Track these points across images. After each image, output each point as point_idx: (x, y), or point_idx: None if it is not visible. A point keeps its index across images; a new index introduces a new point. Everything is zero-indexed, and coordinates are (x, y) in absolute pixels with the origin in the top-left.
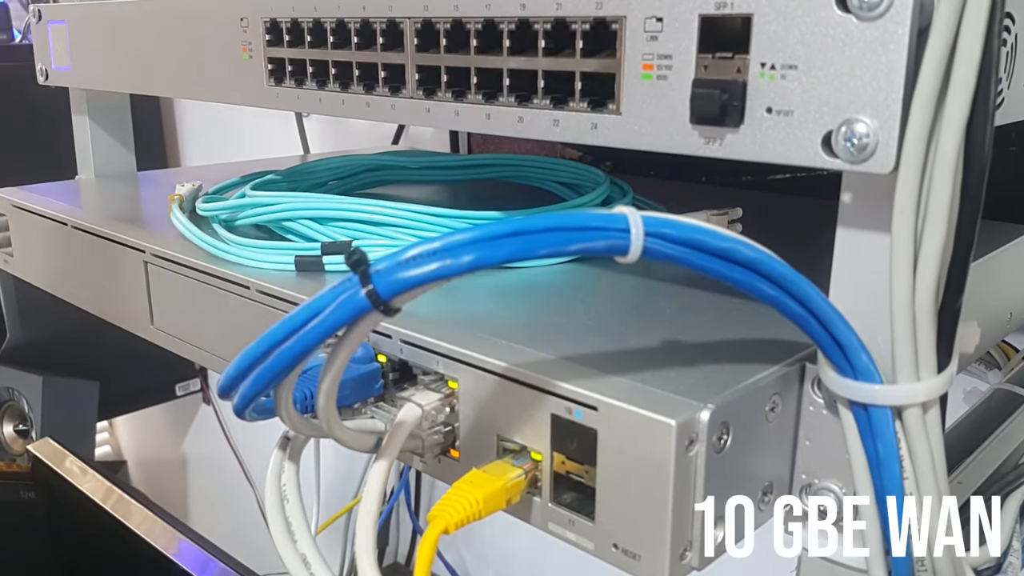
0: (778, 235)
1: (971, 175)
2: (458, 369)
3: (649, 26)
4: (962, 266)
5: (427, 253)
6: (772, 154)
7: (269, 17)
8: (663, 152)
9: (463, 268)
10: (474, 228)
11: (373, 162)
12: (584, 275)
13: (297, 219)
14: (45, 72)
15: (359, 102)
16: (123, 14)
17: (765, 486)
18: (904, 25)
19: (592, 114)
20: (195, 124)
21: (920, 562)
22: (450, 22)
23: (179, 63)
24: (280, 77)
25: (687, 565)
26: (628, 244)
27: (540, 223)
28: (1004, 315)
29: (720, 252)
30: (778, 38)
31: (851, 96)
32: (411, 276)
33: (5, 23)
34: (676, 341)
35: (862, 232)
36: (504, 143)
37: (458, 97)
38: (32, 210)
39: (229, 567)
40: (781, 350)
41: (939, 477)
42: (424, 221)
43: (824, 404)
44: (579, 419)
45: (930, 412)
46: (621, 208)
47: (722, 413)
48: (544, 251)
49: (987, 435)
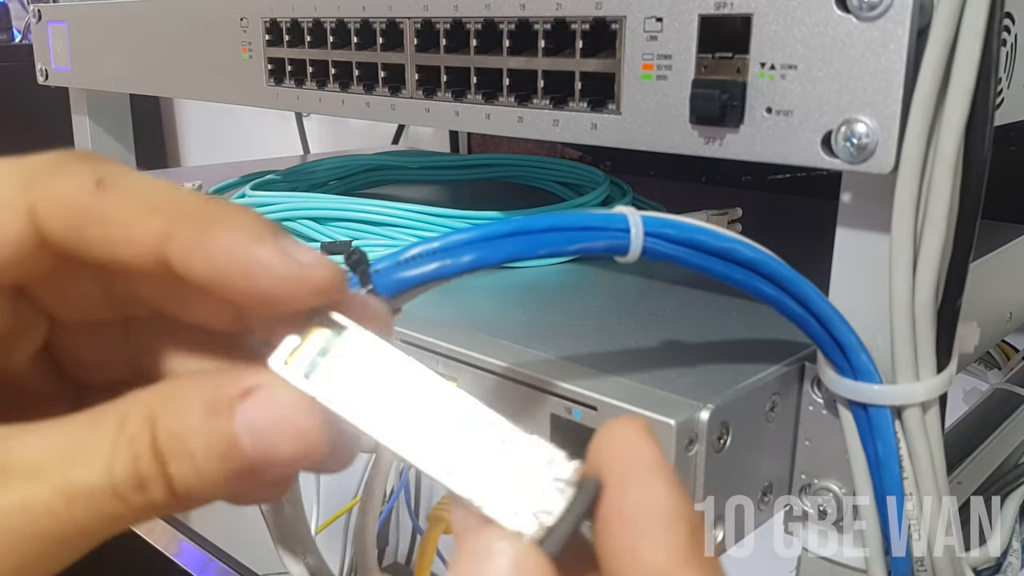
0: (778, 235)
1: (971, 175)
2: (458, 369)
3: (649, 26)
4: (962, 266)
5: (427, 253)
6: (772, 154)
7: (269, 17)
8: (663, 152)
9: (463, 268)
10: (474, 228)
11: (373, 162)
12: (584, 275)
13: (297, 219)
14: (45, 72)
15: (359, 102)
16: (123, 14)
17: (765, 486)
18: (904, 25)
19: (592, 114)
20: (195, 124)
21: (920, 562)
22: (450, 22)
23: (179, 63)
24: (280, 77)
25: None
26: (628, 244)
27: (540, 223)
28: (1004, 315)
29: (720, 252)
30: (778, 38)
31: (851, 96)
32: (411, 276)
33: (5, 23)
34: (676, 341)
35: (862, 232)
36: (504, 143)
37: (458, 97)
38: None
39: (229, 567)
40: (781, 350)
41: (939, 477)
42: (424, 221)
43: (824, 404)
44: (579, 419)
45: (930, 412)
46: (621, 208)
47: (722, 413)
48: (544, 251)
49: (987, 435)
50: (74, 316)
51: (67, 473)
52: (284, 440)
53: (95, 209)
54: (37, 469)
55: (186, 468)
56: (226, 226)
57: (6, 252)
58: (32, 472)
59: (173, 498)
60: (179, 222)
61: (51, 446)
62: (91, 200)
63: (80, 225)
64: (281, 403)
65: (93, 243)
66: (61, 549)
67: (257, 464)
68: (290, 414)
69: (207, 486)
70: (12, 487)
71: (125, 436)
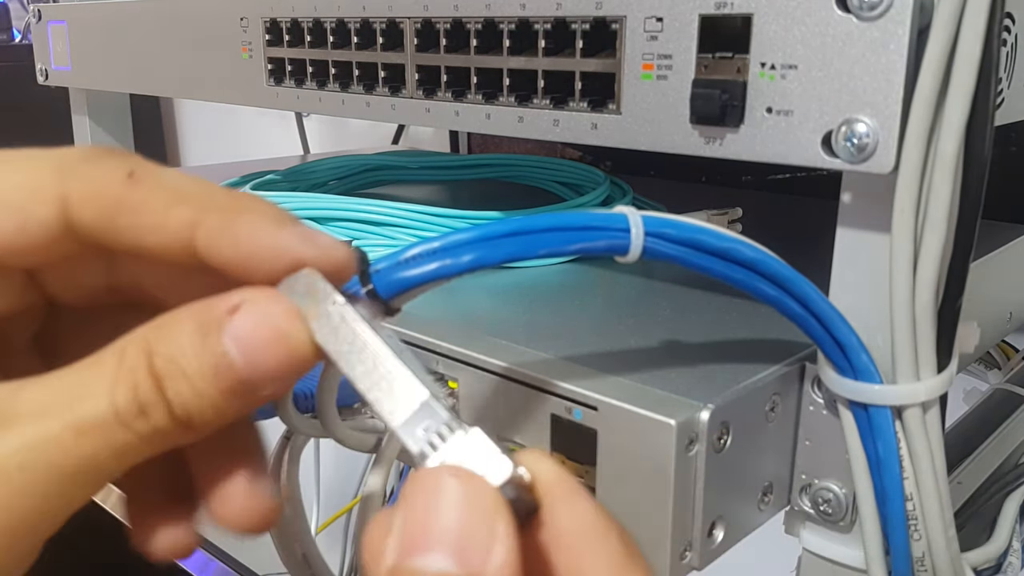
0: (778, 235)
1: (971, 175)
2: (458, 369)
3: (649, 26)
4: (962, 266)
5: (427, 253)
6: (772, 154)
7: (269, 17)
8: (663, 152)
9: (463, 268)
10: (474, 228)
11: (373, 162)
12: (584, 275)
13: None
14: (45, 72)
15: (359, 102)
16: (123, 14)
17: (765, 486)
18: (904, 25)
19: (592, 114)
20: (195, 124)
21: (920, 562)
22: (450, 22)
23: (179, 63)
24: (280, 77)
25: (687, 565)
26: (628, 244)
27: (540, 223)
28: (1004, 315)
29: (720, 252)
30: (778, 38)
31: (851, 96)
32: (411, 276)
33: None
34: (676, 341)
35: (862, 232)
36: (504, 143)
37: (458, 97)
38: None
39: (229, 567)
40: (781, 350)
41: (939, 477)
42: (424, 221)
43: (824, 404)
44: (579, 419)
45: (930, 412)
46: (621, 208)
47: (722, 413)
48: (544, 251)
49: (987, 435)
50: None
51: (74, 408)
52: (271, 345)
53: (127, 198)
54: (45, 409)
55: (183, 388)
56: (251, 214)
57: (35, 235)
58: (41, 413)
59: (175, 421)
60: (207, 210)
61: (57, 388)
62: (123, 190)
63: (112, 214)
64: (265, 311)
65: (123, 230)
66: (76, 485)
67: (249, 377)
68: (274, 320)
69: (206, 407)
70: (23, 428)
71: (124, 367)
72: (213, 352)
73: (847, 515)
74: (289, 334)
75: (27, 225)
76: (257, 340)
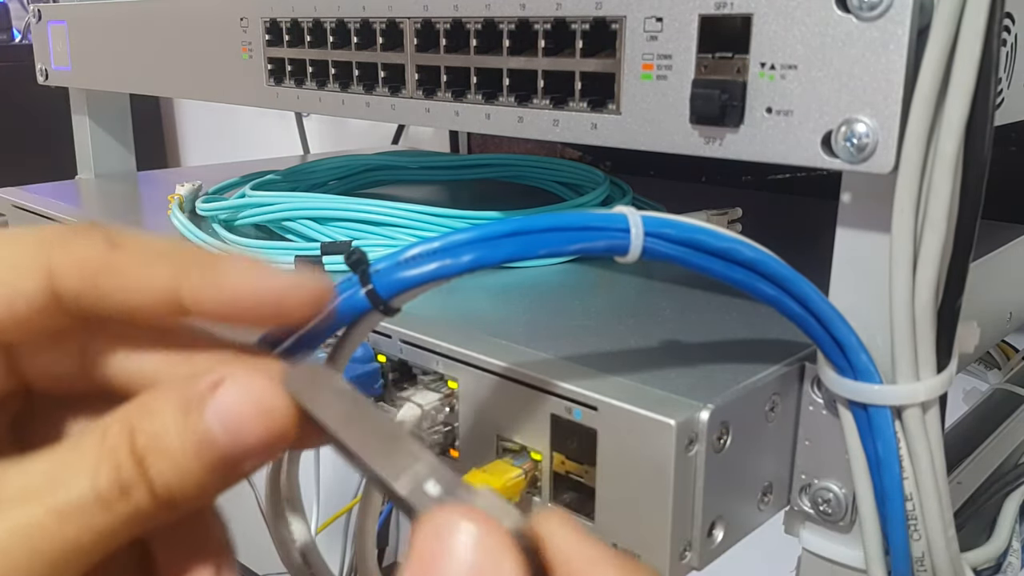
0: (778, 235)
1: (971, 175)
2: (458, 369)
3: (649, 26)
4: (962, 266)
5: (427, 253)
6: (772, 154)
7: (269, 17)
8: (663, 152)
9: (463, 268)
10: (474, 228)
11: (373, 162)
12: (584, 275)
13: (297, 219)
14: (45, 72)
15: (359, 102)
16: (123, 14)
17: (765, 486)
18: (904, 25)
19: (592, 114)
20: (195, 124)
21: (920, 562)
22: (450, 22)
23: (179, 63)
24: (280, 77)
25: (687, 565)
26: (628, 244)
27: (540, 223)
28: (1004, 315)
29: (720, 252)
30: (778, 38)
31: (851, 96)
32: (411, 276)
33: (5, 23)
34: (676, 341)
35: (862, 232)
36: (504, 143)
37: (458, 97)
38: (32, 210)
39: None
40: (781, 350)
41: (939, 477)
42: (424, 221)
43: (824, 404)
44: (579, 419)
45: (930, 412)
46: (621, 208)
47: (722, 413)
48: (544, 251)
49: (987, 435)
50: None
51: (56, 492)
52: (253, 420)
53: (110, 262)
54: (27, 494)
55: (165, 468)
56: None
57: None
58: (24, 497)
59: (157, 501)
60: (187, 265)
61: (40, 471)
62: (105, 254)
63: (95, 278)
64: (247, 386)
65: (107, 293)
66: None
67: (231, 453)
68: (256, 395)
69: (188, 484)
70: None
71: (106, 447)
72: (195, 429)
73: (847, 515)
74: (272, 408)
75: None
76: (240, 415)
